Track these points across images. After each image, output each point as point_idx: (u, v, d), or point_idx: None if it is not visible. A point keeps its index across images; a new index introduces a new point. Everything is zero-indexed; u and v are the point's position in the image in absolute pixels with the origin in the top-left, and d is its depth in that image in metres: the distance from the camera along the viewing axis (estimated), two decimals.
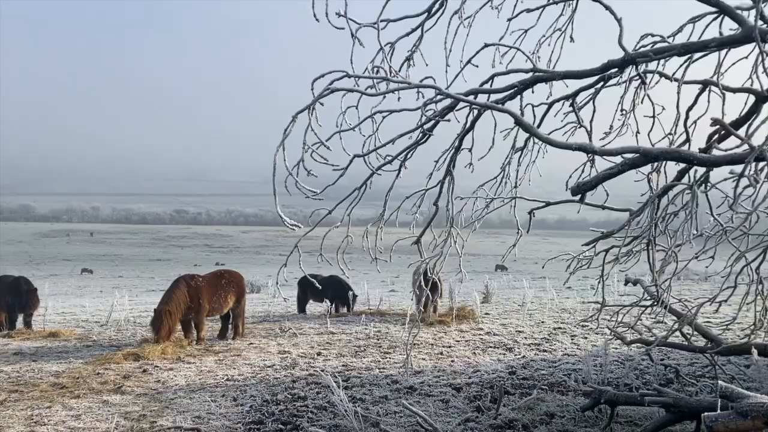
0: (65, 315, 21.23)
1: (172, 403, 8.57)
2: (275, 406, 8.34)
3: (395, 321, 16.87)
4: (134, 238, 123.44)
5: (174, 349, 12.48)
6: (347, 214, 6.57)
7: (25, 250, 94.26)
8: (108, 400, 8.78)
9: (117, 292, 29.57)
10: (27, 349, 13.13)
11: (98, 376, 10.37)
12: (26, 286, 16.17)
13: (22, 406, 8.52)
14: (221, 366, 11.22)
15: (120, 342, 14.17)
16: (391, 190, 6.58)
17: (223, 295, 13.94)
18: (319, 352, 12.38)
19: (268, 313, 19.75)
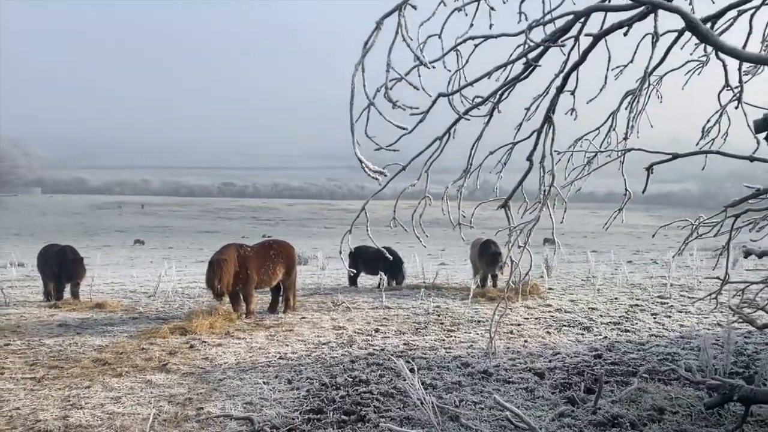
0: (113, 285, 20.91)
1: (221, 385, 7.71)
2: (335, 391, 7.38)
3: (453, 296, 15.78)
4: (183, 211, 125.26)
5: (222, 323, 11.71)
6: (425, 170, 5.42)
7: (80, 221, 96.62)
8: (151, 379, 7.98)
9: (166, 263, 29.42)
10: (72, 321, 12.58)
11: (143, 352, 9.64)
12: (72, 255, 15.68)
13: (59, 384, 7.80)
14: (273, 342, 10.36)
15: (167, 314, 13.52)
16: (479, 139, 5.38)
17: (271, 266, 13.07)
18: (377, 329, 11.39)
19: (318, 286, 18.90)
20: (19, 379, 8.08)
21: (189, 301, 15.70)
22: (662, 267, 24.10)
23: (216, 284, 11.88)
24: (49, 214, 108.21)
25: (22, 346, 10.15)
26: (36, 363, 8.97)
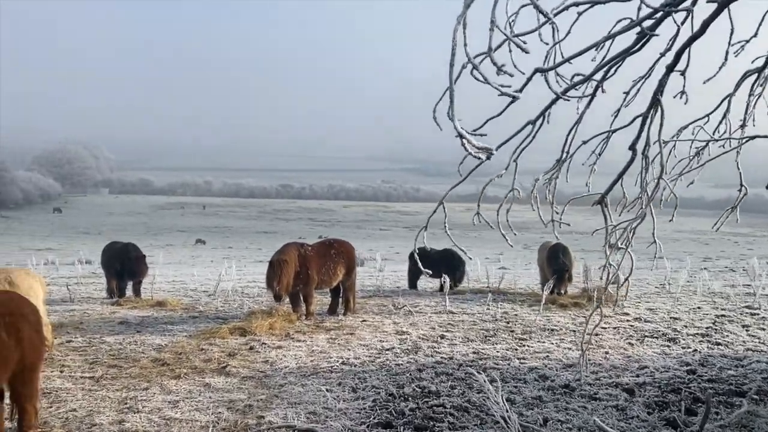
0: (174, 283, 21.02)
1: (282, 391, 7.27)
2: (403, 402, 6.81)
3: (520, 301, 14.99)
4: (243, 211, 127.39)
5: (282, 324, 11.33)
6: (514, 159, 4.78)
7: (143, 221, 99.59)
8: (210, 383, 7.62)
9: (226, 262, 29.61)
10: (132, 319, 12.49)
11: (202, 353, 9.34)
12: (135, 252, 15.71)
13: (118, 385, 7.53)
14: (334, 346, 9.89)
15: (226, 314, 13.29)
16: (578, 123, 4.71)
17: (332, 266, 12.64)
18: (442, 335, 10.78)
19: (377, 288, 18.43)
20: (77, 378, 7.87)
21: (248, 300, 15.47)
22: (741, 275, 22.49)
23: (275, 285, 11.54)
24: (115, 213, 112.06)
25: (83, 344, 10.04)
26: (96, 361, 8.78)
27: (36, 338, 5.63)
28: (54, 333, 9.97)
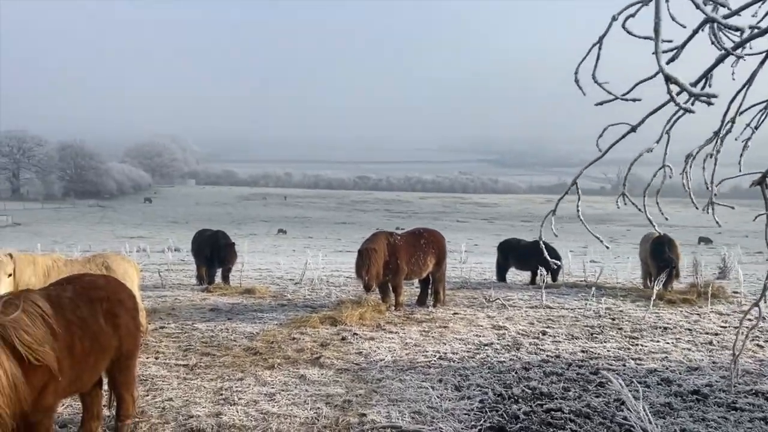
0: (261, 271, 21.19)
1: (381, 387, 6.84)
2: (514, 404, 6.22)
3: (622, 296, 13.96)
4: (322, 202, 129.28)
5: (372, 315, 10.96)
6: (666, 130, 4.07)
7: (228, 211, 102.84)
8: (305, 374, 7.29)
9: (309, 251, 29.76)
10: (223, 306, 12.47)
11: (293, 342, 9.08)
12: (224, 240, 15.81)
13: (212, 374, 7.34)
14: (428, 339, 9.39)
15: (315, 302, 13.06)
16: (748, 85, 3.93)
17: (422, 256, 12.14)
18: (544, 331, 10.06)
19: (464, 280, 17.80)
20: (172, 365, 7.75)
21: (335, 289, 15.24)
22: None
23: (364, 274, 11.17)
24: (202, 203, 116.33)
25: (176, 330, 10.02)
26: (189, 348, 8.68)
27: (133, 325, 5.42)
28: (148, 318, 10.00)
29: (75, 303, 4.81)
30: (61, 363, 4.34)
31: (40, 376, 4.21)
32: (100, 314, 4.96)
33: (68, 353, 4.48)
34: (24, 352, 4.08)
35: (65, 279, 5.38)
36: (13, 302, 4.34)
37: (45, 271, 8.59)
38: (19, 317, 4.22)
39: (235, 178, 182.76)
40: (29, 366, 4.11)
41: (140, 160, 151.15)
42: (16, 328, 4.13)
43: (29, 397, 4.13)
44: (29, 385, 4.11)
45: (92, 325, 4.84)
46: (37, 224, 70.81)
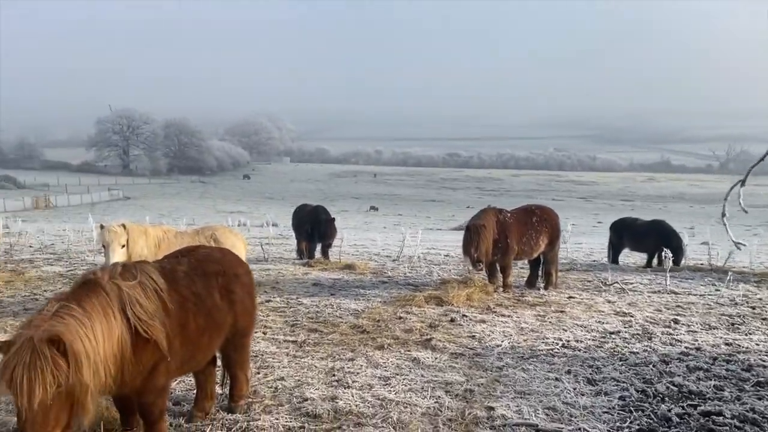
0: (357, 247, 21.06)
1: (503, 376, 6.25)
2: (662, 404, 5.45)
3: (755, 282, 12.57)
4: (411, 180, 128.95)
5: (480, 296, 10.38)
6: None
7: (320, 188, 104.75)
8: (418, 357, 6.83)
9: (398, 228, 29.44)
10: (325, 281, 12.28)
11: (400, 321, 8.65)
12: (324, 215, 15.67)
13: (321, 352, 7.02)
14: (545, 324, 8.69)
15: (416, 281, 12.62)
16: None
17: (534, 235, 11.36)
18: (675, 319, 9.07)
19: (572, 261, 16.79)
20: (281, 341, 7.51)
21: (435, 268, 14.73)
22: None
23: (473, 252, 10.56)
24: (296, 180, 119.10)
25: (281, 304, 9.86)
26: (296, 324, 8.45)
27: (249, 302, 5.12)
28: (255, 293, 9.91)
29: (189, 277, 4.53)
30: (172, 342, 4.07)
31: (149, 354, 3.95)
32: (215, 289, 4.67)
33: (180, 331, 4.21)
34: (134, 322, 3.83)
35: (180, 251, 5.13)
36: (130, 270, 4.11)
37: (156, 242, 8.60)
38: (135, 287, 3.98)
39: (327, 155, 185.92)
40: (139, 340, 3.85)
41: (239, 138, 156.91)
42: (130, 297, 3.89)
43: (137, 373, 3.87)
44: (138, 362, 3.86)
45: (207, 302, 4.55)
46: (145, 198, 75.03)
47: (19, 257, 15.30)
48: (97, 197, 70.59)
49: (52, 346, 3.34)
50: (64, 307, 3.63)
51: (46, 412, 3.29)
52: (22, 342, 3.33)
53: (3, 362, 3.32)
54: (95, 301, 3.73)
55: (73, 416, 3.48)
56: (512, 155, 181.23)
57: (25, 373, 3.23)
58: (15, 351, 3.30)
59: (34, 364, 3.26)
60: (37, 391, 3.24)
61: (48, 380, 3.27)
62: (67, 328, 3.48)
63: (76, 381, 3.39)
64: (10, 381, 3.24)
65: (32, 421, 3.25)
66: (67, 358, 3.38)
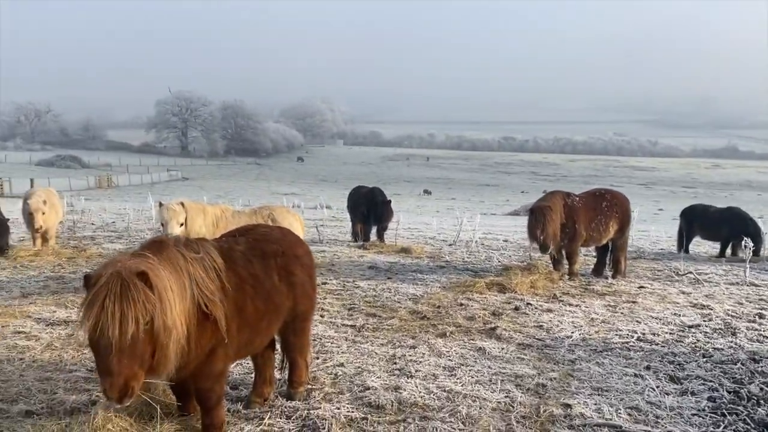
0: (412, 231, 20.74)
1: (576, 370, 5.83)
2: (758, 407, 4.92)
3: None
4: (465, 164, 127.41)
5: (545, 284, 9.90)
6: None
7: (373, 171, 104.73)
8: (483, 347, 6.47)
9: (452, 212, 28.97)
10: (381, 264, 12.01)
11: (461, 308, 8.29)
12: (381, 197, 15.39)
13: (381, 338, 6.75)
14: (617, 315, 8.17)
15: (475, 266, 12.20)
16: None
17: (603, 221, 10.76)
18: (760, 314, 8.39)
19: (638, 249, 16.02)
20: (339, 325, 7.28)
21: (495, 253, 14.27)
22: None
23: (539, 234, 10.06)
24: (349, 163, 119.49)
25: (338, 287, 9.64)
26: (353, 308, 8.20)
27: (309, 284, 4.85)
28: None
29: (247, 258, 4.29)
30: (229, 325, 3.83)
31: (209, 335, 3.74)
32: (274, 271, 4.41)
33: (238, 314, 3.97)
34: (197, 295, 3.62)
35: (237, 230, 4.90)
36: (192, 245, 3.90)
37: (214, 221, 8.49)
38: (198, 261, 3.77)
39: (380, 138, 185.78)
40: (200, 317, 3.65)
41: (293, 120, 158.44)
42: (194, 269, 3.69)
43: (195, 356, 3.65)
44: (198, 343, 3.64)
45: (265, 284, 4.29)
46: (203, 179, 76.66)
47: (82, 234, 15.64)
48: (156, 177, 72.49)
49: (141, 280, 3.25)
50: (140, 255, 3.54)
51: (133, 349, 3.17)
52: (109, 275, 3.22)
53: (91, 294, 3.20)
54: (168, 257, 3.62)
55: (154, 364, 3.35)
56: (569, 140, 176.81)
57: (117, 303, 3.13)
58: (103, 283, 3.19)
59: (126, 295, 3.16)
60: (129, 322, 3.13)
61: (140, 312, 3.17)
62: (151, 269, 3.38)
63: (160, 323, 3.29)
64: (101, 312, 3.12)
65: (119, 356, 3.12)
66: (156, 294, 3.30)
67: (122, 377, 3.14)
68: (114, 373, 3.11)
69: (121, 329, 3.11)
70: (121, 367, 3.12)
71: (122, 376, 3.14)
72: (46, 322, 6.92)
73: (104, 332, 3.11)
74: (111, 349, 3.11)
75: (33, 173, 57.73)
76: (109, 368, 3.12)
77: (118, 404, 3.22)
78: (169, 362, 3.42)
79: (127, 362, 3.15)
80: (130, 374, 3.17)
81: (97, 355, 3.20)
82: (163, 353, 3.36)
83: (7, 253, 11.18)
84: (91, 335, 3.17)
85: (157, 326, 3.28)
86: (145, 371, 3.29)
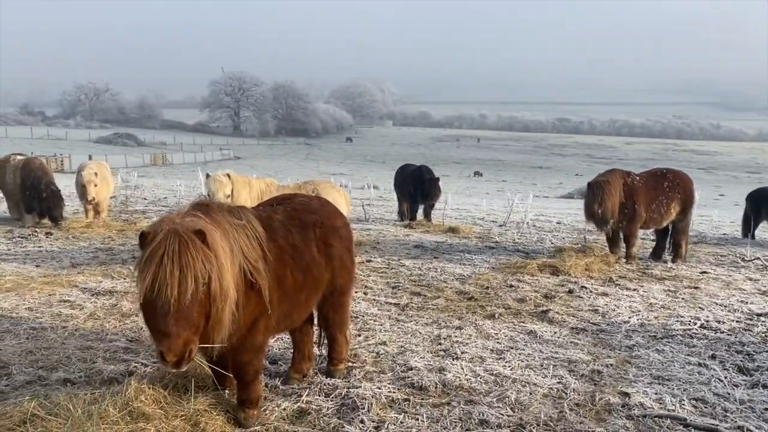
0: (460, 211, 20.37)
1: (634, 356, 5.45)
2: None
3: None
4: (517, 145, 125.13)
5: (600, 266, 9.43)
6: None
7: (422, 152, 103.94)
8: (534, 330, 6.14)
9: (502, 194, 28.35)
10: (427, 243, 11.73)
11: (511, 290, 7.96)
12: (428, 175, 15.05)
13: (425, 317, 6.50)
14: (678, 301, 7.68)
15: (526, 247, 11.79)
16: None
17: (665, 202, 10.17)
18: None
19: (699, 234, 15.27)
20: (382, 303, 7.07)
21: (547, 235, 13.79)
22: None
23: (597, 209, 9.57)
24: (397, 144, 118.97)
25: (382, 265, 9.43)
26: (398, 286, 7.97)
27: (348, 258, 4.64)
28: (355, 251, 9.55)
29: (287, 227, 4.08)
30: (270, 296, 3.63)
31: (253, 305, 3.55)
32: (312, 242, 4.20)
33: (278, 285, 3.77)
34: (242, 263, 3.42)
35: (274, 199, 4.68)
36: (234, 212, 3.71)
37: (259, 194, 8.39)
38: (241, 228, 3.59)
39: (429, 119, 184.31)
40: (244, 285, 3.46)
41: (343, 101, 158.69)
42: (238, 236, 3.51)
43: (237, 327, 3.47)
44: (242, 312, 3.45)
45: (305, 255, 4.09)
46: (254, 158, 77.72)
47: (133, 208, 15.90)
48: (209, 156, 73.85)
49: (199, 238, 3.08)
50: (191, 214, 3.35)
51: (190, 310, 3.00)
52: (166, 231, 3.04)
53: (148, 251, 3.02)
54: (215, 220, 3.43)
55: (209, 330, 3.18)
56: (626, 122, 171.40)
57: (176, 261, 2.95)
58: (161, 240, 3.01)
59: (186, 252, 2.98)
60: (188, 281, 2.96)
61: (199, 271, 3.00)
62: (206, 228, 3.19)
63: (217, 286, 3.11)
64: (158, 269, 2.94)
65: (177, 317, 2.95)
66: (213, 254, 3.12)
67: (181, 340, 2.96)
68: (172, 335, 2.94)
69: (180, 288, 2.94)
70: (179, 329, 2.96)
71: (181, 338, 2.96)
72: (91, 291, 6.95)
73: (162, 291, 2.94)
74: (169, 309, 2.94)
75: (92, 150, 59.53)
76: (167, 330, 2.94)
77: (175, 369, 3.06)
78: (223, 329, 3.25)
79: (184, 324, 2.98)
80: (188, 337, 2.99)
81: (152, 317, 3.02)
82: (217, 318, 3.18)
83: (61, 224, 11.44)
84: (147, 295, 2.99)
85: (214, 288, 3.10)
86: (199, 333, 3.11)
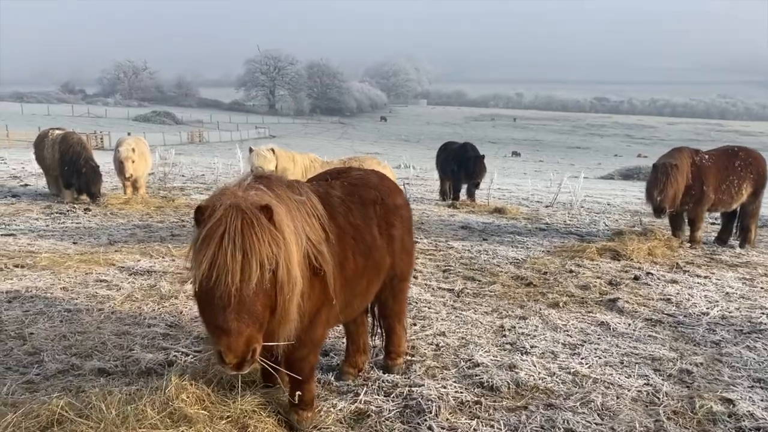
0: (503, 191, 19.69)
1: (726, 355, 4.84)
2: None
3: None
4: (555, 125, 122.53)
5: (663, 251, 8.77)
6: None
7: (456, 131, 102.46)
8: (606, 322, 5.58)
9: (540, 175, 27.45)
10: (474, 224, 11.18)
11: (572, 276, 7.38)
12: (473, 152, 14.45)
13: (484, 306, 5.99)
14: (756, 290, 7.01)
15: (579, 229, 11.15)
16: None
17: (736, 182, 9.42)
18: None
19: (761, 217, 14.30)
20: (435, 288, 6.58)
21: (600, 217, 13.08)
22: None
23: (656, 195, 8.90)
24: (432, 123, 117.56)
25: (430, 246, 8.94)
26: (449, 270, 7.47)
27: (408, 240, 4.14)
28: None
29: (346, 205, 3.58)
30: (333, 283, 3.15)
31: (317, 293, 3.06)
32: (373, 222, 3.70)
33: (339, 271, 3.26)
34: (305, 245, 2.90)
35: (328, 173, 4.15)
36: (294, 187, 3.19)
37: (303, 170, 7.96)
38: (301, 204, 3.08)
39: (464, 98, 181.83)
40: (310, 273, 2.97)
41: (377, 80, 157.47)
42: (298, 214, 2.99)
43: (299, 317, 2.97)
44: (308, 301, 2.97)
45: (366, 237, 3.58)
46: (289, 137, 77.53)
47: (171, 185, 15.67)
48: (245, 134, 74.03)
49: (265, 215, 2.58)
50: (254, 187, 2.83)
51: (255, 301, 2.50)
52: (227, 206, 2.54)
53: (205, 230, 2.51)
54: (279, 196, 2.91)
55: (274, 325, 2.68)
56: (668, 101, 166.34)
57: (239, 243, 2.45)
58: (220, 216, 2.51)
59: (250, 232, 2.48)
60: (253, 266, 2.45)
61: (266, 255, 2.49)
62: (272, 203, 2.68)
63: (284, 272, 2.59)
64: (218, 251, 2.44)
65: (239, 310, 2.45)
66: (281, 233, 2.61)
67: (243, 337, 2.47)
68: (233, 332, 2.44)
69: (243, 275, 2.45)
70: (242, 324, 2.46)
71: (243, 336, 2.47)
72: (129, 271, 6.62)
73: (221, 279, 2.44)
74: (229, 300, 2.45)
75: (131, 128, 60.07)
76: (227, 326, 2.45)
77: (235, 371, 2.51)
78: (290, 323, 2.76)
79: (247, 319, 2.48)
80: (251, 334, 2.50)
81: (209, 310, 2.53)
82: (285, 311, 2.68)
83: (99, 201, 11.20)
84: (203, 283, 2.49)
85: (281, 275, 2.59)
86: (263, 328, 2.62)
